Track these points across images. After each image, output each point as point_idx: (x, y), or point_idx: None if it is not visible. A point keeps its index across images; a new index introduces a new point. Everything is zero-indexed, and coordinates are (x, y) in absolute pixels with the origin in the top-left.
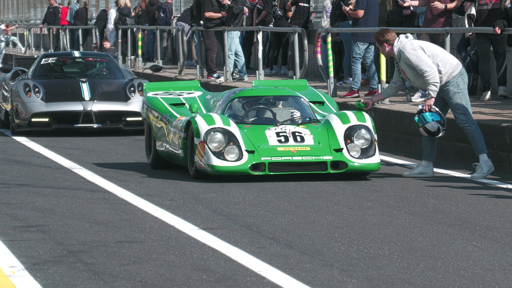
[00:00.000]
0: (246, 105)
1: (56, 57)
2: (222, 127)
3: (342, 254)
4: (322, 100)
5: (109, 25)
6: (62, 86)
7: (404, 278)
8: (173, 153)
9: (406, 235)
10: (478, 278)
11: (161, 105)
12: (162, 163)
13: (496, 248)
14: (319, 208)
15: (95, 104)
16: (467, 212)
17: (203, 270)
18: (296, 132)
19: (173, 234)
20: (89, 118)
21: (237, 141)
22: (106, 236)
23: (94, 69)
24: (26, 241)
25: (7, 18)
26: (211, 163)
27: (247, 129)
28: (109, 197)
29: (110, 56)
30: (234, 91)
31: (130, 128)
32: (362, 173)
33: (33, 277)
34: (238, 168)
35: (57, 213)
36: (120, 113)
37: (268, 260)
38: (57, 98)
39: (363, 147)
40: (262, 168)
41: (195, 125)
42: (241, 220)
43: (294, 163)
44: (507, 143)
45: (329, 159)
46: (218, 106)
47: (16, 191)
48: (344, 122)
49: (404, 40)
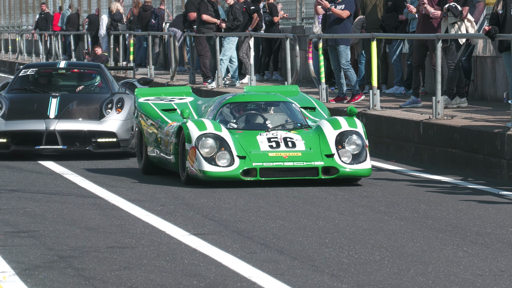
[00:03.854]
0: (237, 110)
1: (37, 68)
2: (213, 132)
3: (332, 260)
4: (313, 106)
5: (101, 31)
6: (29, 102)
7: (394, 283)
8: (164, 158)
9: (397, 240)
10: (468, 284)
11: (153, 110)
12: (153, 168)
13: (487, 254)
14: (310, 213)
15: (60, 123)
16: (458, 217)
17: (194, 276)
18: (288, 137)
19: (164, 240)
20: (53, 139)
21: (229, 147)
22: (97, 241)
23: (79, 82)
24: (17, 246)
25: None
26: (202, 168)
27: (239, 134)
28: (100, 203)
29: (101, 66)
30: (225, 97)
31: (101, 150)
32: (354, 179)
33: (23, 282)
34: (230, 173)
35: (48, 219)
36: (90, 133)
37: (259, 266)
38: (19, 116)
39: (354, 153)
40: (254, 174)
41: (187, 130)
42: (232, 226)
43: (285, 169)
44: (498, 149)
45: (320, 164)
46: (209, 111)
47: (7, 197)
48: (335, 128)
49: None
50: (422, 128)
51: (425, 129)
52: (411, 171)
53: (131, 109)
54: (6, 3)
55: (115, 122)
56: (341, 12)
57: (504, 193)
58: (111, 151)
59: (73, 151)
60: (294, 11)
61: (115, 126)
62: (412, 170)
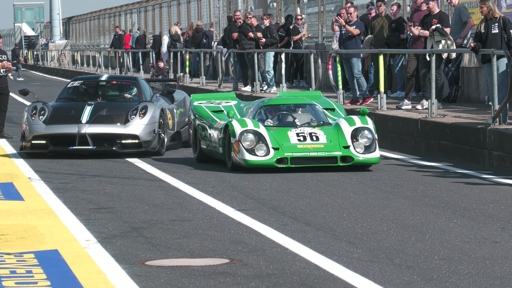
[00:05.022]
0: (272, 111)
1: (82, 81)
2: (253, 129)
3: (349, 230)
4: (333, 107)
5: (163, 49)
6: (68, 109)
7: (399, 249)
8: (214, 150)
9: (400, 214)
10: (458, 249)
11: (205, 111)
12: (205, 158)
13: (473, 225)
14: (330, 193)
15: (90, 127)
16: (449, 196)
17: (239, 243)
18: (312, 133)
19: (214, 214)
20: (84, 140)
21: (265, 140)
22: (161, 215)
23: (117, 92)
24: (98, 220)
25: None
26: (244, 158)
27: (273, 130)
28: (164, 185)
29: (138, 78)
30: (262, 100)
31: (125, 150)
32: (366, 166)
33: (104, 248)
34: (266, 162)
35: (123, 198)
36: (116, 135)
37: (290, 235)
38: (57, 121)
39: (366, 145)
40: (285, 162)
41: (232, 127)
42: (268, 203)
43: (311, 158)
44: (481, 141)
45: (339, 154)
46: (249, 112)
47: (90, 181)
48: (350, 125)
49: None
50: (420, 125)
51: (422, 126)
52: (411, 159)
53: (154, 115)
54: (87, 27)
55: (138, 126)
56: (353, 30)
57: (486, 176)
58: (134, 151)
59: (102, 151)
60: (317, 31)
61: (138, 130)
62: (412, 158)
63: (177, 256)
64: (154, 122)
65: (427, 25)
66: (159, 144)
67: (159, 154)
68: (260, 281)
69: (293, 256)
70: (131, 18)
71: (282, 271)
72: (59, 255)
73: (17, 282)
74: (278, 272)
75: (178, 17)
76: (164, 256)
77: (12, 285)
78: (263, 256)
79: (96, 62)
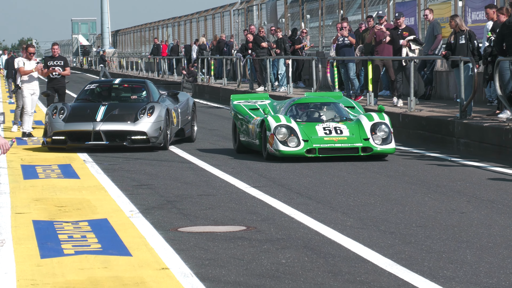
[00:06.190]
0: (301, 108)
1: (97, 84)
2: (285, 124)
3: (343, 203)
4: (353, 106)
5: (193, 56)
6: (84, 109)
7: (383, 218)
8: (251, 142)
9: (385, 190)
10: (431, 218)
11: (243, 109)
12: (243, 149)
13: (443, 199)
14: (328, 173)
15: (104, 125)
16: (424, 175)
17: (253, 213)
18: (337, 127)
19: (234, 190)
20: (98, 136)
21: (296, 134)
22: (191, 191)
23: (128, 94)
24: (140, 194)
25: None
26: (278, 148)
27: (303, 125)
28: (193, 166)
29: (146, 82)
30: (293, 99)
31: (134, 145)
32: (383, 155)
33: (144, 217)
34: (297, 152)
35: (160, 176)
36: (126, 132)
37: (295, 207)
38: (75, 119)
39: (383, 137)
40: (314, 152)
41: (267, 122)
42: (277, 181)
43: (336, 148)
44: (451, 131)
45: (359, 145)
46: (282, 109)
47: (133, 163)
48: (370, 120)
49: None
50: (401, 117)
51: (403, 118)
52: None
53: (160, 114)
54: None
55: (146, 124)
56: (352, 40)
57: (454, 159)
58: (143, 146)
59: (114, 145)
60: (318, 42)
61: (146, 127)
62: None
63: (204, 224)
64: (160, 120)
65: (398, 37)
66: (165, 140)
67: (164, 148)
68: (271, 244)
69: (298, 224)
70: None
71: (289, 236)
72: (108, 223)
73: (73, 244)
74: (285, 237)
75: (205, 30)
76: (193, 224)
77: (69, 247)
78: (273, 224)
79: (139, 67)
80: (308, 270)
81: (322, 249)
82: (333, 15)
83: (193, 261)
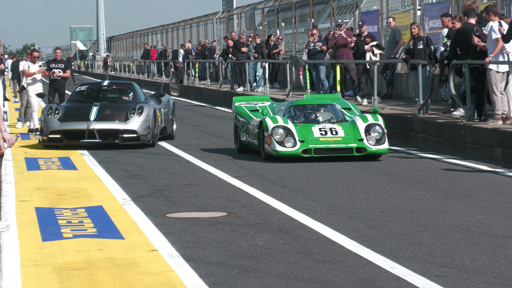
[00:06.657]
0: (299, 110)
1: (88, 86)
2: (283, 125)
3: (314, 191)
4: (349, 107)
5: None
6: (78, 109)
7: (349, 204)
8: (251, 142)
9: (351, 179)
10: (392, 204)
11: (243, 110)
12: (244, 148)
13: (403, 187)
14: (300, 165)
15: (97, 124)
16: (387, 166)
17: (234, 201)
18: (332, 128)
19: (216, 180)
20: (92, 134)
21: (293, 134)
22: (178, 181)
23: (116, 95)
24: (131, 184)
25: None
26: (275, 149)
27: (299, 126)
28: (179, 159)
29: (133, 84)
30: (291, 101)
31: (126, 143)
32: (376, 156)
33: (136, 204)
34: (294, 152)
35: (150, 168)
36: (118, 131)
37: (271, 195)
38: (69, 119)
39: (377, 138)
40: (310, 152)
41: (265, 123)
42: (255, 172)
43: (331, 149)
44: (410, 127)
45: (354, 146)
46: (280, 111)
47: (126, 155)
48: (364, 121)
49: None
50: None
51: None
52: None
53: (149, 114)
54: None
55: (136, 123)
56: (324, 47)
57: (413, 152)
58: (133, 143)
59: (106, 143)
60: (292, 47)
61: (136, 126)
62: None
63: (189, 210)
64: (149, 120)
65: (361, 43)
66: (153, 137)
67: (152, 145)
68: (250, 229)
69: (273, 210)
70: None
71: (265, 221)
72: (103, 209)
73: (72, 229)
74: (262, 222)
75: (190, 36)
76: (179, 210)
77: (68, 231)
78: (251, 210)
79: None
80: (283, 251)
81: (295, 232)
82: (305, 23)
83: (179, 243)
